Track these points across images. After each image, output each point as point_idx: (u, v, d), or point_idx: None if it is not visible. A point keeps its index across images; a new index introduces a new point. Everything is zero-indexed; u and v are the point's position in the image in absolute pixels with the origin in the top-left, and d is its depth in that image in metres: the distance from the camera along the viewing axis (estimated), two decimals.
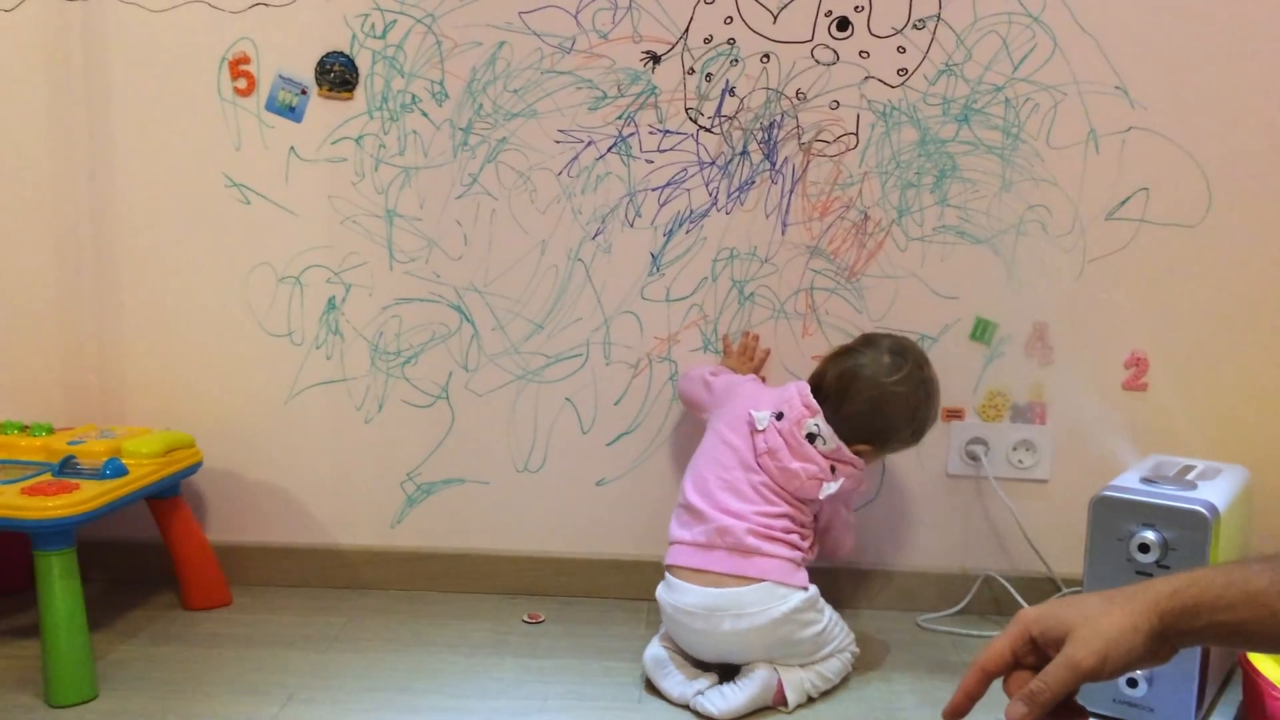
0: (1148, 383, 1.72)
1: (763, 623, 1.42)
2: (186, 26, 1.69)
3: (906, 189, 1.69)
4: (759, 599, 1.42)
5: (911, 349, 1.56)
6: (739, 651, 1.45)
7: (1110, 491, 1.40)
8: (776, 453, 1.48)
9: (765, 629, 1.42)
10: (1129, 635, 0.75)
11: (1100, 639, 0.74)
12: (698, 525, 1.49)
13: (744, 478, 1.49)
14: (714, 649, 1.46)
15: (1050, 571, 1.72)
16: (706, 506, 1.48)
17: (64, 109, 1.72)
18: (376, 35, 1.68)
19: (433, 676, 1.51)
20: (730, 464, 1.51)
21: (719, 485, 1.50)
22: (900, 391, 1.51)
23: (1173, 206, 1.67)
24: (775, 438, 1.49)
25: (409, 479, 1.80)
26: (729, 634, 1.43)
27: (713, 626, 1.43)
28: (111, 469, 1.50)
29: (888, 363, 1.52)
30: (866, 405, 1.50)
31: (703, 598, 1.44)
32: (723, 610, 1.43)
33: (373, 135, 1.71)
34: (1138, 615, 0.75)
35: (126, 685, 1.45)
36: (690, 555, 1.48)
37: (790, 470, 1.47)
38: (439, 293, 1.75)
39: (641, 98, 1.69)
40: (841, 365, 1.52)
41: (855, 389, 1.50)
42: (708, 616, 1.43)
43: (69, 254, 1.75)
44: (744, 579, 1.43)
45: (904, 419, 1.53)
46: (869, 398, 1.50)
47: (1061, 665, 0.75)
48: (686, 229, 1.72)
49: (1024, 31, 1.64)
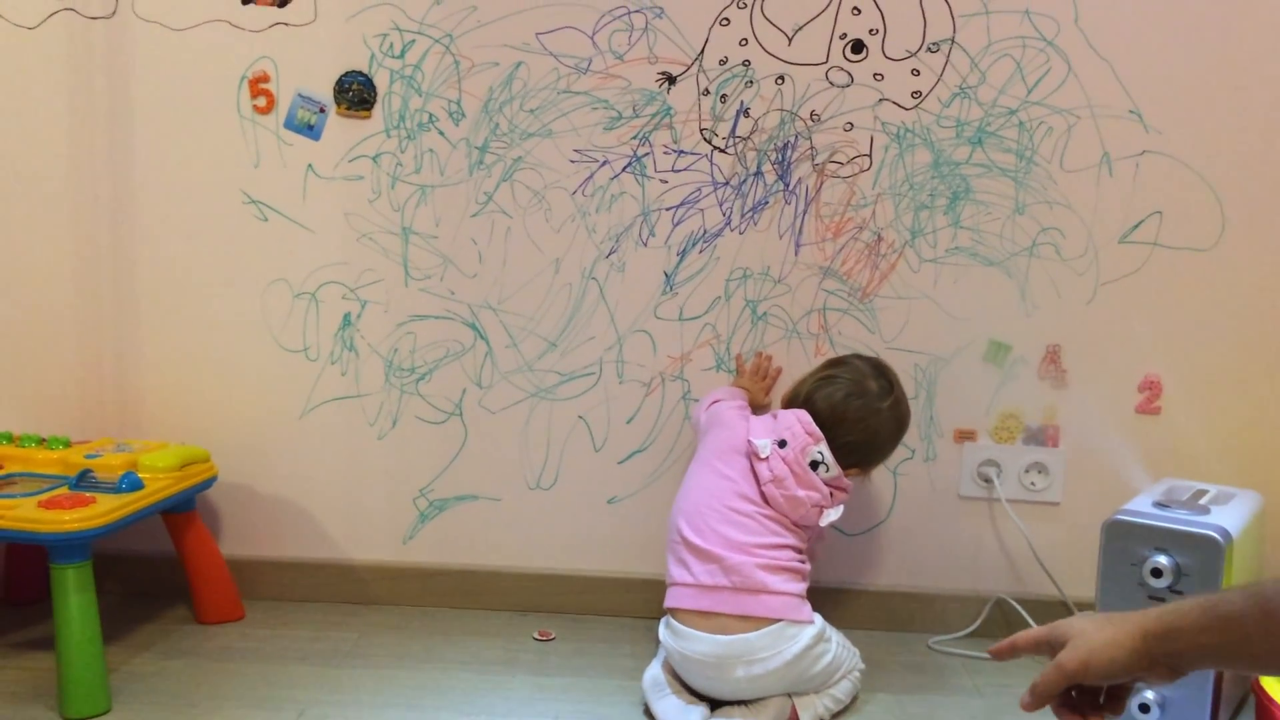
0: (1161, 406, 1.71)
1: (776, 666, 1.40)
2: (207, 45, 1.70)
3: (920, 211, 1.70)
4: (770, 643, 1.40)
5: (886, 369, 1.60)
6: (753, 691, 1.43)
7: (1123, 515, 1.39)
8: (783, 481, 1.47)
9: (778, 671, 1.41)
10: (1110, 649, 0.88)
11: (1085, 648, 0.89)
12: (699, 564, 1.45)
13: (744, 508, 1.47)
14: (727, 692, 1.43)
15: (1062, 594, 1.71)
16: (707, 544, 1.45)
17: (85, 125, 1.74)
18: (395, 55, 1.70)
19: (443, 693, 1.51)
20: (727, 495, 1.48)
21: (718, 519, 1.47)
22: (891, 415, 1.55)
23: (1186, 230, 1.67)
24: (780, 466, 1.47)
25: (422, 495, 1.80)
26: (742, 679, 1.41)
27: (725, 674, 1.41)
28: (127, 483, 1.51)
29: (875, 389, 1.54)
30: (862, 433, 1.52)
31: (713, 646, 1.41)
32: (735, 658, 1.40)
33: (390, 154, 1.72)
34: (1123, 634, 0.88)
35: (140, 698, 1.46)
36: (694, 598, 1.44)
37: (797, 498, 1.47)
38: (453, 310, 1.75)
39: (656, 118, 1.70)
40: (831, 395, 1.53)
41: (850, 418, 1.52)
42: (719, 665, 1.41)
43: (88, 269, 1.77)
44: (752, 620, 1.41)
45: (894, 440, 1.58)
46: (865, 427, 1.52)
47: (1052, 666, 0.91)
48: (700, 249, 1.73)
49: (1038, 55, 1.65)
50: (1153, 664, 0.88)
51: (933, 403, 1.73)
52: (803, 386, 1.58)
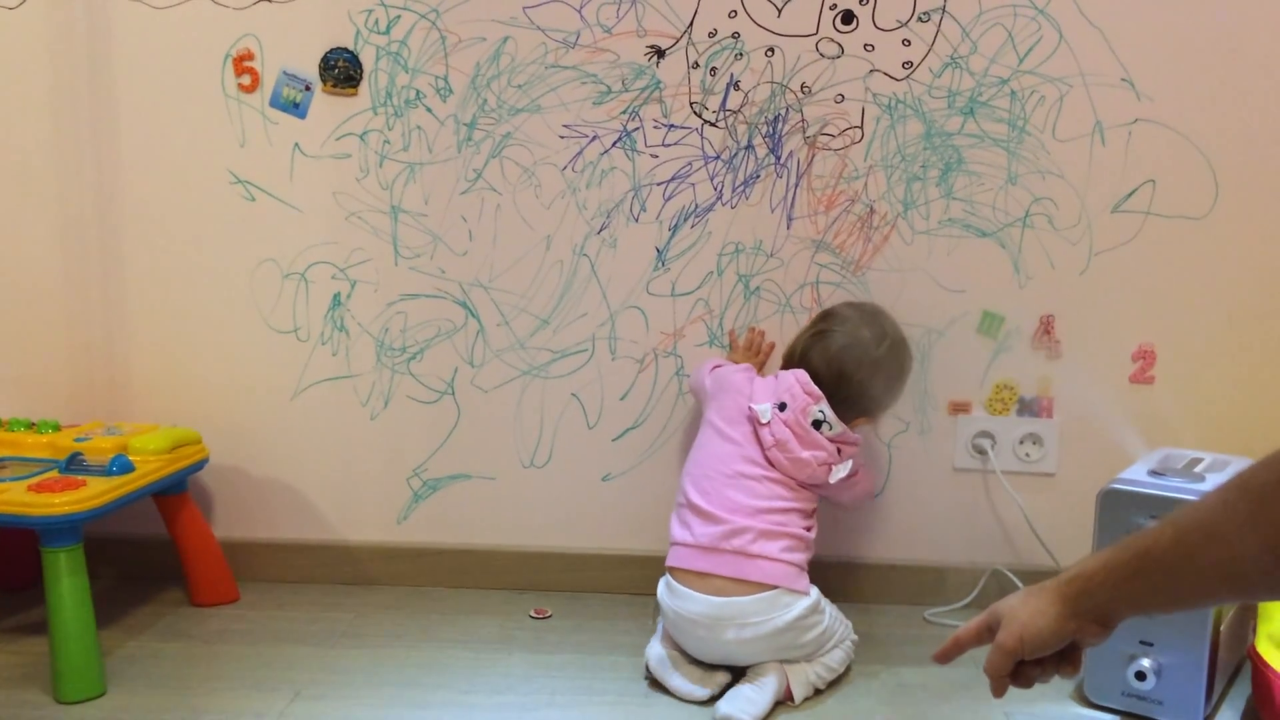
0: (1155, 375, 1.71)
1: (766, 631, 1.41)
2: (190, 23, 1.69)
3: (912, 182, 1.69)
4: (762, 609, 1.41)
5: (878, 314, 1.59)
6: (742, 655, 1.44)
7: (1118, 484, 1.39)
8: (786, 444, 1.47)
9: (767, 636, 1.41)
10: (1038, 618, 0.91)
11: (1017, 624, 0.92)
12: (701, 525, 1.46)
13: (749, 472, 1.48)
14: (717, 653, 1.45)
15: (1058, 565, 1.71)
16: (711, 506, 1.46)
17: (68, 106, 1.72)
18: (380, 31, 1.68)
19: (440, 672, 1.51)
20: (734, 459, 1.49)
21: (724, 482, 1.48)
22: (890, 359, 1.55)
23: (1179, 198, 1.67)
24: (782, 429, 1.48)
25: (415, 475, 1.80)
26: (731, 641, 1.42)
27: (716, 635, 1.42)
28: (118, 465, 1.50)
29: (869, 337, 1.54)
30: (862, 384, 1.52)
31: (706, 607, 1.42)
32: (727, 620, 1.41)
33: (377, 131, 1.71)
34: (1044, 601, 0.91)
35: (134, 681, 1.46)
36: (693, 558, 1.45)
37: (801, 460, 1.47)
38: (444, 288, 1.74)
39: (646, 92, 1.68)
40: (826, 350, 1.53)
41: (848, 370, 1.52)
42: (711, 625, 1.42)
43: (74, 251, 1.76)
44: (748, 584, 1.41)
45: (898, 384, 1.58)
46: (863, 378, 1.52)
47: (993, 648, 0.94)
48: (691, 224, 1.72)
49: (1029, 24, 1.63)
50: (1080, 623, 0.90)
51: (927, 375, 1.73)
52: (797, 345, 1.58)
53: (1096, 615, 0.89)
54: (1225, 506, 0.80)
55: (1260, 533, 0.76)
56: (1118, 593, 0.88)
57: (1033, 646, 0.91)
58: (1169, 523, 0.84)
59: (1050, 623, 0.90)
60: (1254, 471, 0.78)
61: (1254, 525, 0.76)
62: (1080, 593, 0.90)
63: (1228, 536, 0.78)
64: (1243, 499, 0.78)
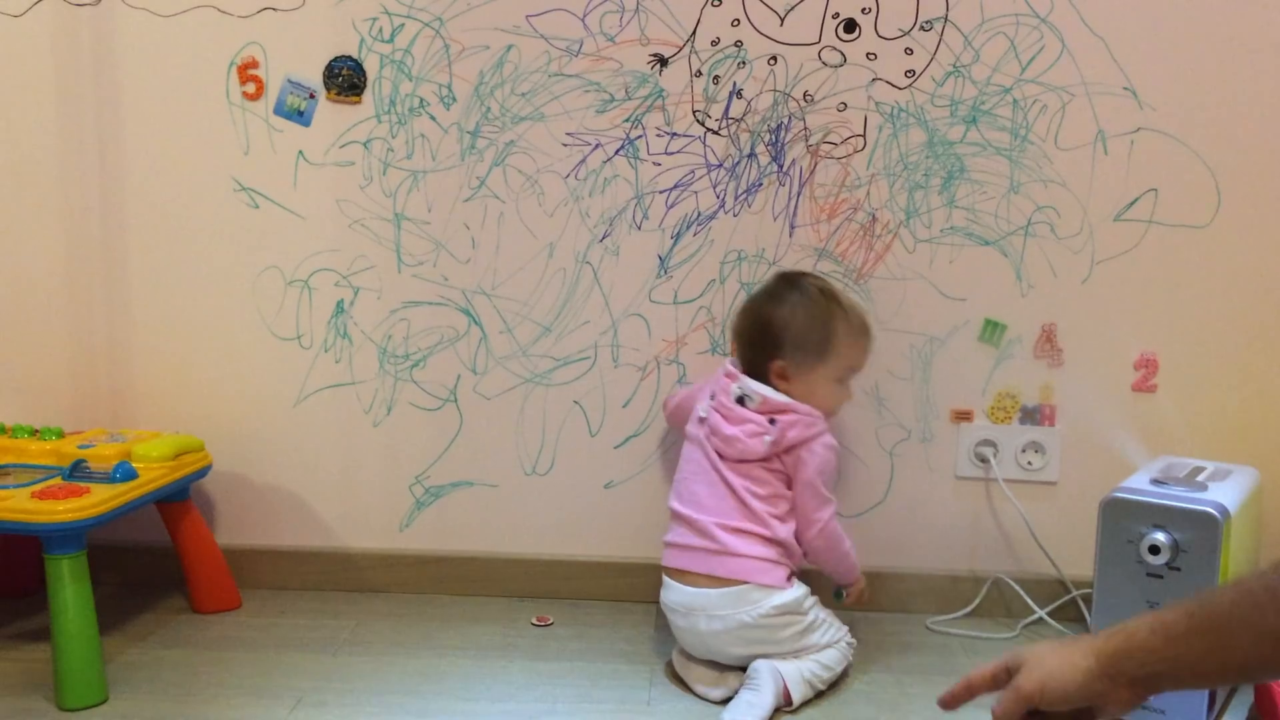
0: (1157, 384, 1.71)
1: (734, 625, 1.44)
2: (195, 31, 1.69)
3: (914, 190, 1.69)
4: (730, 603, 1.44)
5: (790, 276, 1.59)
6: (720, 649, 1.47)
7: (1120, 493, 1.39)
8: (718, 427, 1.51)
9: (737, 630, 1.45)
10: (1067, 670, 0.87)
11: (1041, 670, 0.88)
12: (678, 526, 1.52)
13: (709, 474, 1.52)
14: (698, 646, 1.49)
15: (1060, 574, 1.71)
16: (686, 506, 1.52)
17: (73, 114, 1.73)
18: (384, 39, 1.69)
19: (442, 679, 1.51)
20: (696, 458, 1.54)
21: (691, 481, 1.53)
22: (810, 300, 1.53)
23: (1182, 207, 1.67)
24: (714, 415, 1.52)
25: (417, 482, 1.80)
26: (705, 633, 1.46)
27: (692, 624, 1.47)
28: (121, 473, 1.51)
29: (771, 290, 1.57)
30: (783, 322, 1.52)
31: (681, 595, 1.48)
32: (698, 610, 1.46)
33: (381, 139, 1.71)
34: (1077, 655, 0.87)
35: (136, 688, 1.46)
36: (675, 556, 1.51)
37: (730, 436, 1.49)
38: (447, 296, 1.75)
39: (649, 100, 1.69)
40: (739, 325, 1.59)
41: (761, 328, 1.54)
42: (687, 614, 1.48)
43: (79, 258, 1.76)
44: (717, 580, 1.46)
45: (820, 321, 1.52)
46: (783, 316, 1.52)
47: (1009, 689, 0.90)
48: (694, 231, 1.72)
49: (1031, 33, 1.64)
50: (1112, 684, 0.86)
51: (929, 383, 1.73)
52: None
53: (1132, 679, 0.85)
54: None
55: None
56: (1163, 655, 0.83)
57: (1052, 698, 0.87)
58: (1229, 584, 0.81)
59: (1079, 677, 0.86)
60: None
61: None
62: (1119, 651, 0.85)
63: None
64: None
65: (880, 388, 1.74)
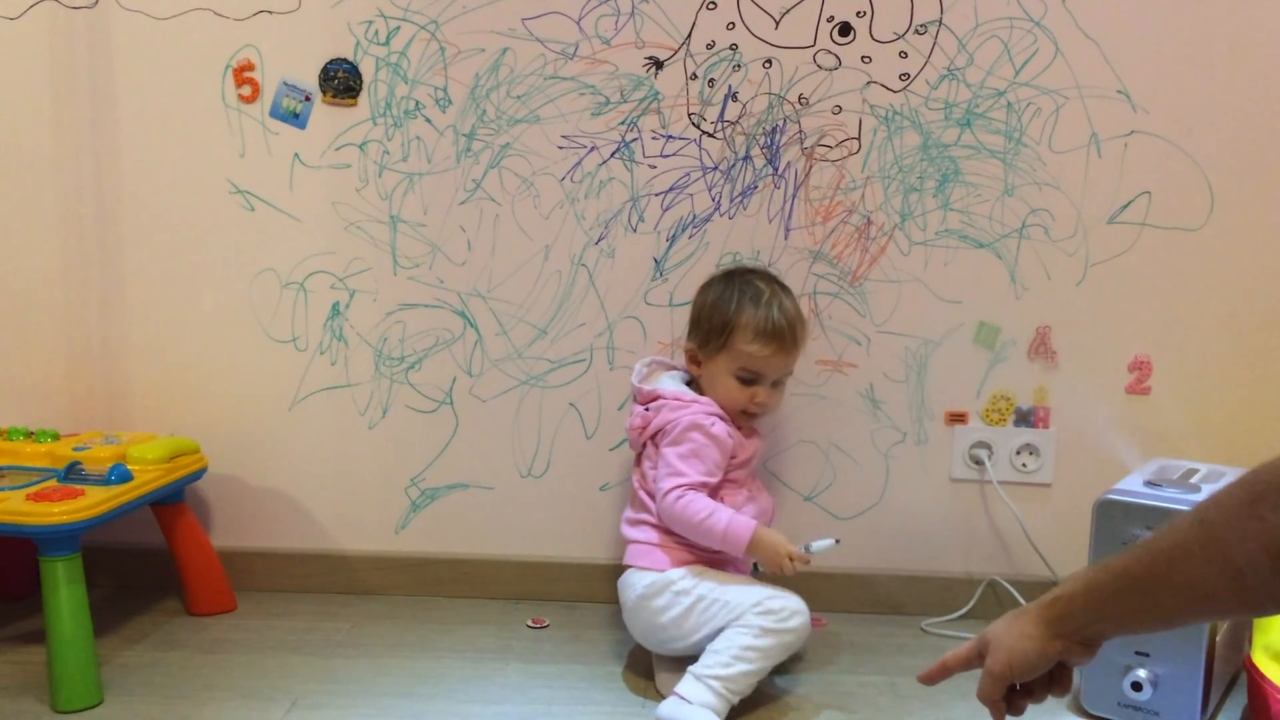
0: (1151, 386, 1.72)
1: (627, 606, 1.51)
2: (190, 34, 1.69)
3: (909, 193, 1.70)
4: (621, 590, 1.53)
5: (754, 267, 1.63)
6: (640, 638, 1.52)
7: (1114, 495, 1.40)
8: (629, 425, 1.59)
9: (631, 612, 1.51)
10: (1023, 642, 0.92)
11: (1004, 649, 0.93)
12: None
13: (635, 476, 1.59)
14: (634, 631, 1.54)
15: (1054, 575, 1.71)
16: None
17: (69, 117, 1.73)
18: (380, 42, 1.69)
19: (437, 682, 1.51)
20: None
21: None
22: (718, 283, 1.57)
23: (1175, 210, 1.67)
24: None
25: (413, 484, 1.80)
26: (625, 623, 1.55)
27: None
28: (116, 475, 1.51)
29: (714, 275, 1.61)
30: (695, 306, 1.59)
31: None
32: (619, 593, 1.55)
33: (376, 141, 1.71)
34: (1027, 624, 0.92)
35: (131, 691, 1.46)
36: None
37: (627, 428, 1.59)
38: (443, 298, 1.75)
39: (644, 103, 1.69)
40: None
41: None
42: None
43: (74, 261, 1.76)
44: (625, 568, 1.54)
45: (705, 304, 1.56)
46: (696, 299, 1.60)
47: (983, 673, 0.95)
48: (689, 234, 1.72)
49: (1025, 36, 1.64)
50: (1065, 644, 0.90)
51: (923, 386, 1.73)
52: None
53: (1080, 636, 0.90)
54: (1201, 525, 0.80)
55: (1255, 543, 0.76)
56: (1100, 613, 0.88)
57: (1021, 670, 0.92)
58: (1145, 543, 0.85)
59: (1035, 645, 0.91)
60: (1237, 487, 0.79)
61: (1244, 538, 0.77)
62: (1062, 615, 0.90)
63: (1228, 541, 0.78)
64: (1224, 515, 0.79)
65: (875, 390, 1.74)
